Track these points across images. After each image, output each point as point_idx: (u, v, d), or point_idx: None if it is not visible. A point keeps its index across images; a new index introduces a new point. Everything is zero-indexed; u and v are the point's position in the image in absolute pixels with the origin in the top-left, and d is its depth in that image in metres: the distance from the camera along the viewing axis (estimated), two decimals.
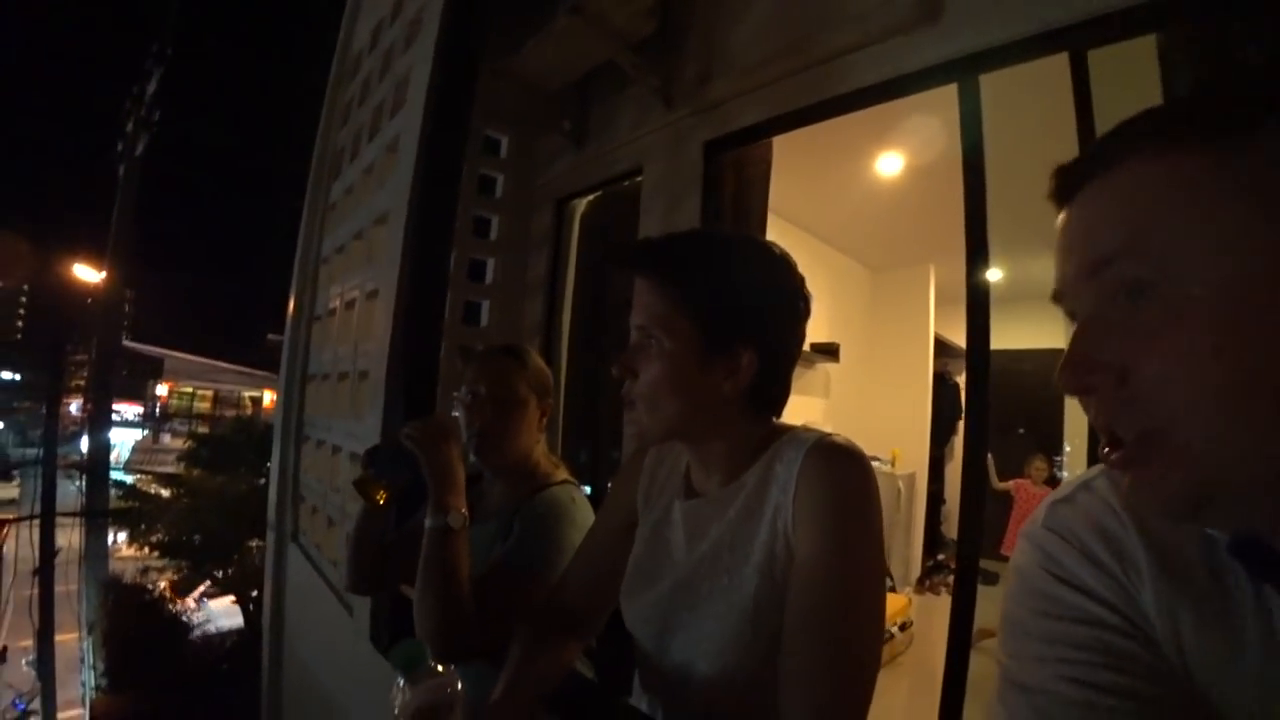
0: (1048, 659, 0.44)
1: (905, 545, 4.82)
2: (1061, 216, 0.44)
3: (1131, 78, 1.27)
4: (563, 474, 1.25)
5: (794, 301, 0.81)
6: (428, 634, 0.95)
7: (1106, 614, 0.45)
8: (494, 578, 1.06)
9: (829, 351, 4.53)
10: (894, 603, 3.71)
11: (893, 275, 5.31)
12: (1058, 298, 0.45)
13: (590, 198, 2.83)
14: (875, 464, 4.31)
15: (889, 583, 3.97)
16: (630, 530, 0.90)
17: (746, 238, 0.88)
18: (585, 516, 1.15)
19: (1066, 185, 0.44)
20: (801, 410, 4.58)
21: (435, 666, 0.62)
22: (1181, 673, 0.42)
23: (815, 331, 4.46)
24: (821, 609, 0.66)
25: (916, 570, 4.95)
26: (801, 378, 4.59)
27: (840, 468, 0.71)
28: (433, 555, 0.99)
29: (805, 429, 0.79)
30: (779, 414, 0.84)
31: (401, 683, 0.61)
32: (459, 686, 0.62)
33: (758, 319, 0.78)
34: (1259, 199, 0.35)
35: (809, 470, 0.71)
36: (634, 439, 0.83)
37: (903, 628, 3.63)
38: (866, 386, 5.21)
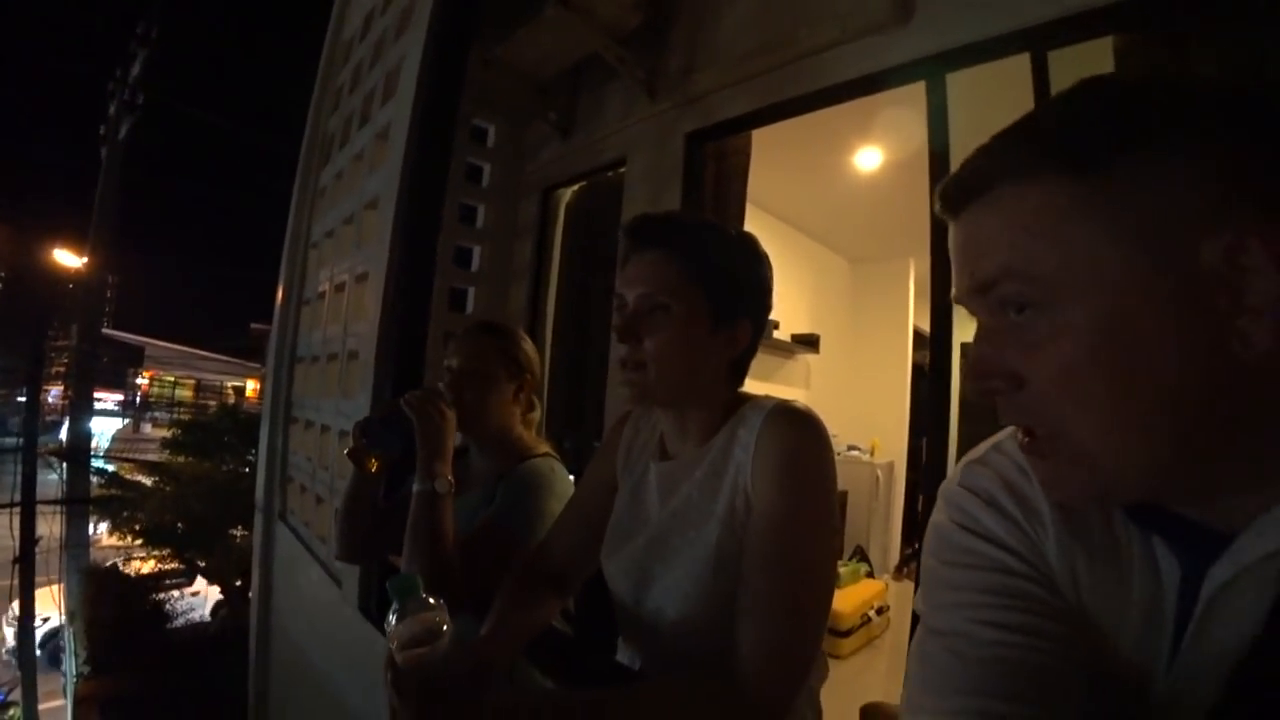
0: (960, 605, 0.48)
1: (884, 532, 4.92)
2: (951, 229, 0.48)
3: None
4: (544, 448, 1.31)
5: (771, 286, 0.91)
6: None
7: (1013, 561, 0.49)
8: (478, 541, 1.12)
9: (809, 342, 4.61)
10: (872, 588, 3.80)
11: (873, 268, 5.40)
12: (958, 301, 0.48)
13: (575, 187, 2.88)
14: (854, 453, 4.39)
15: (867, 568, 4.07)
16: (611, 495, 0.98)
17: (741, 230, 0.96)
18: (564, 486, 1.22)
19: (950, 204, 0.47)
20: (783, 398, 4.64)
21: (427, 598, 0.68)
22: (1078, 611, 0.47)
23: (795, 322, 4.56)
24: (774, 551, 0.73)
25: (895, 557, 5.06)
26: (782, 368, 4.68)
27: (794, 429, 0.79)
28: (420, 519, 1.06)
29: (768, 397, 0.86)
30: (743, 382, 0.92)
31: (393, 615, 0.67)
32: (447, 617, 0.69)
33: (753, 296, 0.88)
34: (1122, 231, 0.38)
35: (767, 432, 0.79)
36: (633, 400, 0.88)
37: (880, 611, 3.71)
38: (847, 377, 5.30)
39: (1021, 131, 0.44)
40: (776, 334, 4.18)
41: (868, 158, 3.41)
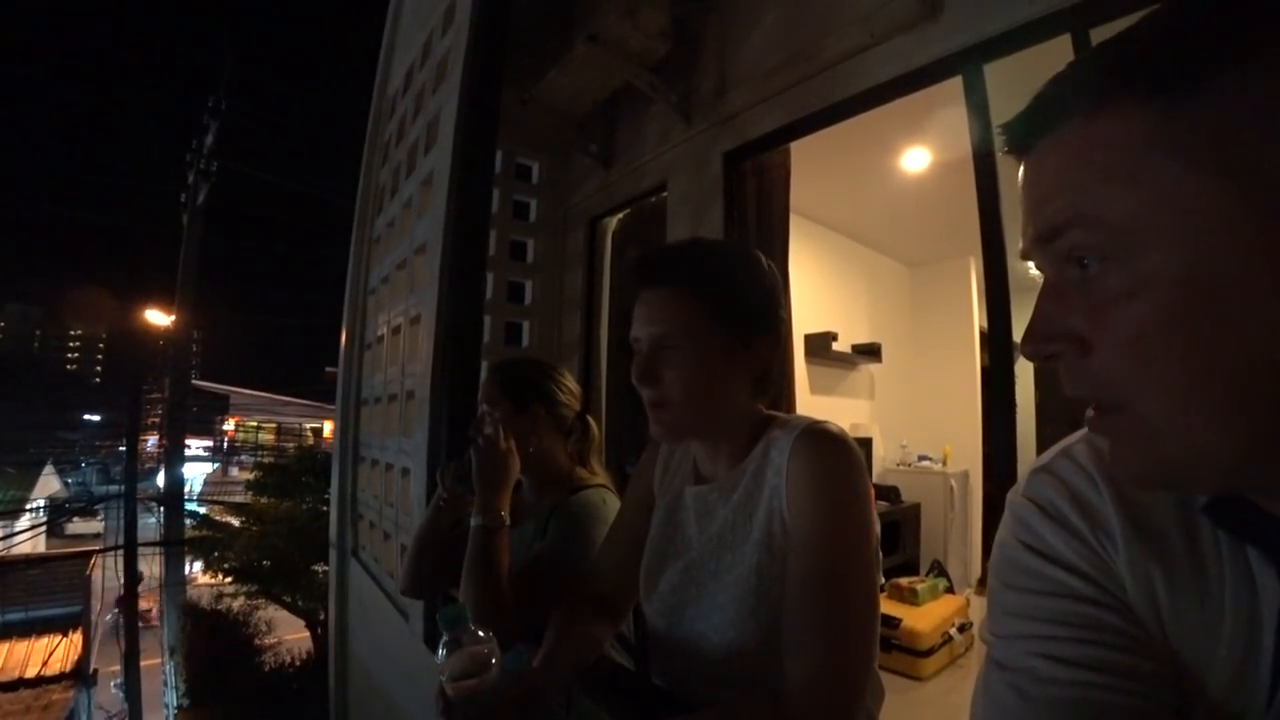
0: (1024, 635, 0.44)
1: (962, 545, 4.70)
2: (1020, 170, 0.42)
3: None
4: (597, 479, 1.31)
5: (782, 296, 0.90)
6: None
7: (1081, 585, 0.44)
8: (532, 572, 1.14)
9: (871, 352, 4.50)
10: (952, 604, 3.62)
11: (932, 270, 5.24)
12: (1025, 255, 0.43)
13: (620, 215, 2.92)
14: (926, 463, 4.22)
15: (946, 583, 3.89)
16: (650, 514, 0.98)
17: (738, 245, 0.94)
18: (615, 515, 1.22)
19: (1018, 142, 0.41)
20: (847, 412, 4.55)
21: (476, 630, 0.69)
22: (1158, 637, 0.42)
23: (855, 333, 4.46)
24: (814, 575, 0.72)
25: (977, 570, 4.81)
26: (844, 380, 4.57)
27: (823, 450, 0.77)
28: (476, 552, 1.08)
29: (796, 416, 0.86)
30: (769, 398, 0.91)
31: (443, 648, 0.68)
32: (495, 649, 0.70)
33: (767, 312, 0.86)
34: (1216, 168, 0.32)
35: (797, 454, 0.78)
36: (663, 439, 0.89)
37: (962, 629, 3.53)
38: (913, 385, 5.14)
39: (1098, 54, 0.38)
40: (836, 346, 4.10)
41: (915, 158, 3.34)
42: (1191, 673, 0.41)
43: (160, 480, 9.10)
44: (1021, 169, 0.41)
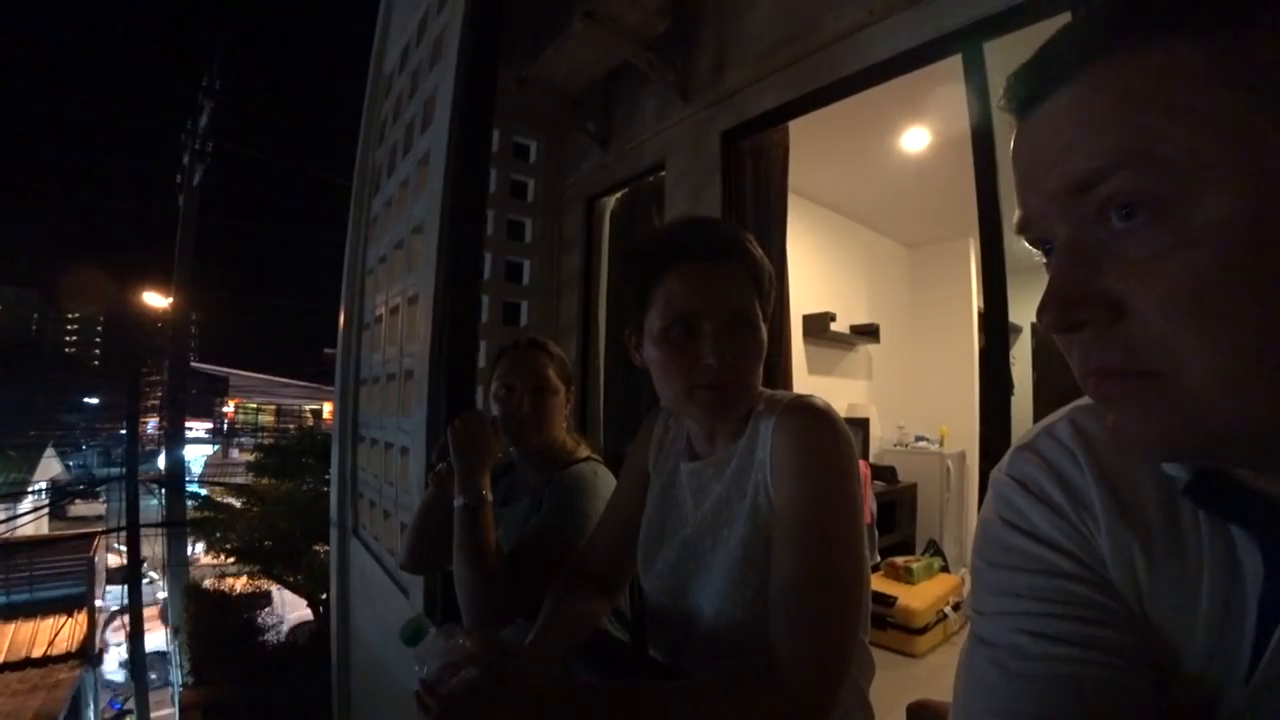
0: (1006, 612, 0.44)
1: (958, 525, 4.74)
2: (1020, 130, 0.38)
3: None
4: (586, 452, 1.34)
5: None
6: (466, 601, 1.06)
7: (1063, 561, 0.44)
8: (527, 546, 1.16)
9: (869, 332, 4.51)
10: (947, 583, 3.67)
11: (931, 251, 5.23)
12: (1024, 226, 0.40)
13: (618, 195, 2.91)
14: (923, 444, 4.22)
15: (942, 562, 3.93)
16: (645, 490, 0.99)
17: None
18: (608, 488, 1.24)
19: (1030, 93, 0.37)
20: (845, 392, 4.58)
21: (437, 634, 0.70)
22: (1138, 612, 0.42)
23: (854, 313, 4.46)
24: (794, 548, 0.73)
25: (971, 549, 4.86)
26: (842, 360, 4.58)
27: (806, 423, 0.78)
28: (463, 530, 1.10)
29: (783, 392, 0.86)
30: None
31: (419, 667, 0.69)
32: (464, 637, 0.70)
33: (770, 301, 0.88)
34: (1275, 100, 0.30)
35: (781, 428, 0.79)
36: (715, 416, 0.85)
37: (956, 607, 3.58)
38: (910, 366, 5.15)
39: None
40: (834, 326, 4.11)
41: (915, 138, 3.32)
42: (1170, 647, 0.41)
43: (161, 462, 9.14)
44: (1022, 130, 0.38)
